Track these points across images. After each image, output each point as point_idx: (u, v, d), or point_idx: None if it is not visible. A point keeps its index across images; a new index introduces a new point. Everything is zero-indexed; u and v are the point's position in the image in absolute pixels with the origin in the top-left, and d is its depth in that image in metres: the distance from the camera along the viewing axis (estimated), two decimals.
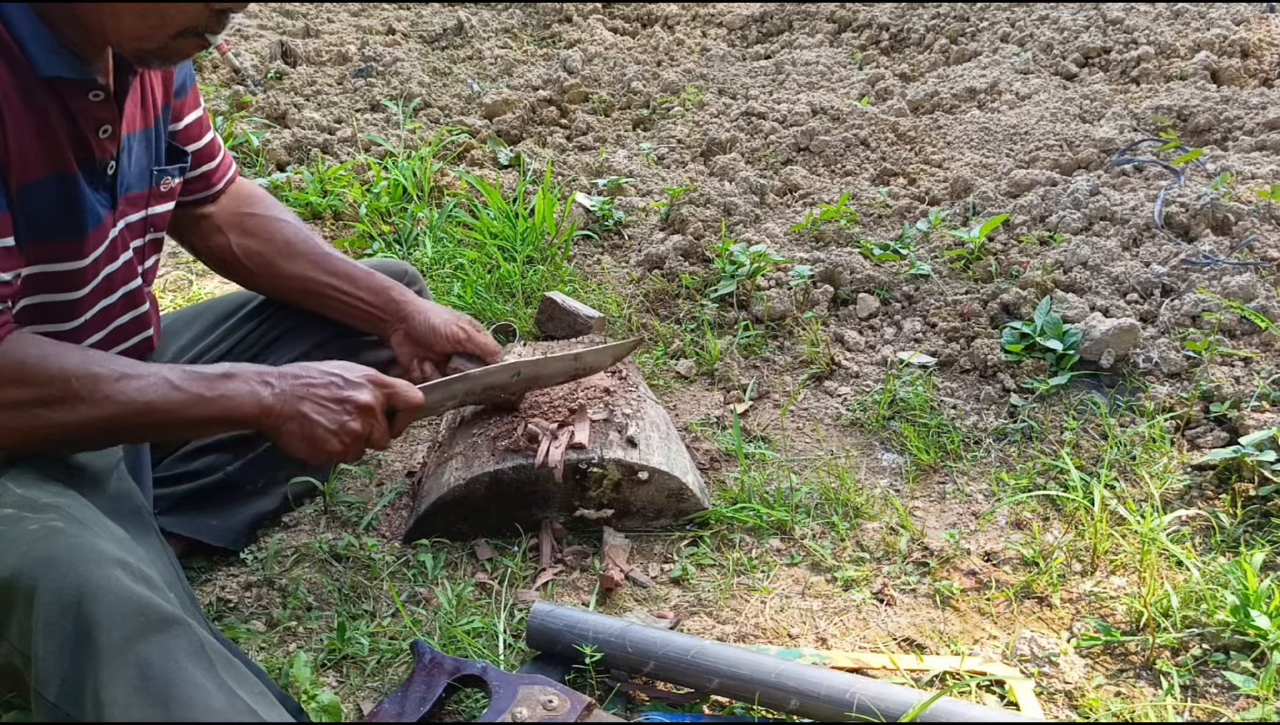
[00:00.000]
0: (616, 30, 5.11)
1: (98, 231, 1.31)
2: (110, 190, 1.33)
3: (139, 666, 0.98)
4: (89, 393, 1.20)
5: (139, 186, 1.40)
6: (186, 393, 1.25)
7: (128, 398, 1.22)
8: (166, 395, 1.24)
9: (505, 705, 1.24)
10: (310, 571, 1.61)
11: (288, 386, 1.33)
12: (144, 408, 1.23)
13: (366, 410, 1.37)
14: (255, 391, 1.30)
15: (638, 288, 2.52)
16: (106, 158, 1.30)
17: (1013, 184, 2.90)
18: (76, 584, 1.02)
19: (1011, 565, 1.62)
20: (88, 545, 1.07)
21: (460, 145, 3.41)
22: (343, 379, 1.37)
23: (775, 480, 1.83)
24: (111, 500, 1.23)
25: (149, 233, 1.45)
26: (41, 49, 1.17)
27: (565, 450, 1.62)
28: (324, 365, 1.39)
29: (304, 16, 4.99)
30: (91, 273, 1.32)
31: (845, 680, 1.27)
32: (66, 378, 1.19)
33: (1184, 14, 4.18)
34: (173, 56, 1.25)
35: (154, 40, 1.20)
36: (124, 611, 1.01)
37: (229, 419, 1.29)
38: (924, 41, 4.58)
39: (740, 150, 3.43)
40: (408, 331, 1.67)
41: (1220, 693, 1.37)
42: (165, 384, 1.25)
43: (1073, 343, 2.06)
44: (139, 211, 1.41)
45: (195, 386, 1.27)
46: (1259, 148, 3.04)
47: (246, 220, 1.65)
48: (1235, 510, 1.67)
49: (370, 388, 1.38)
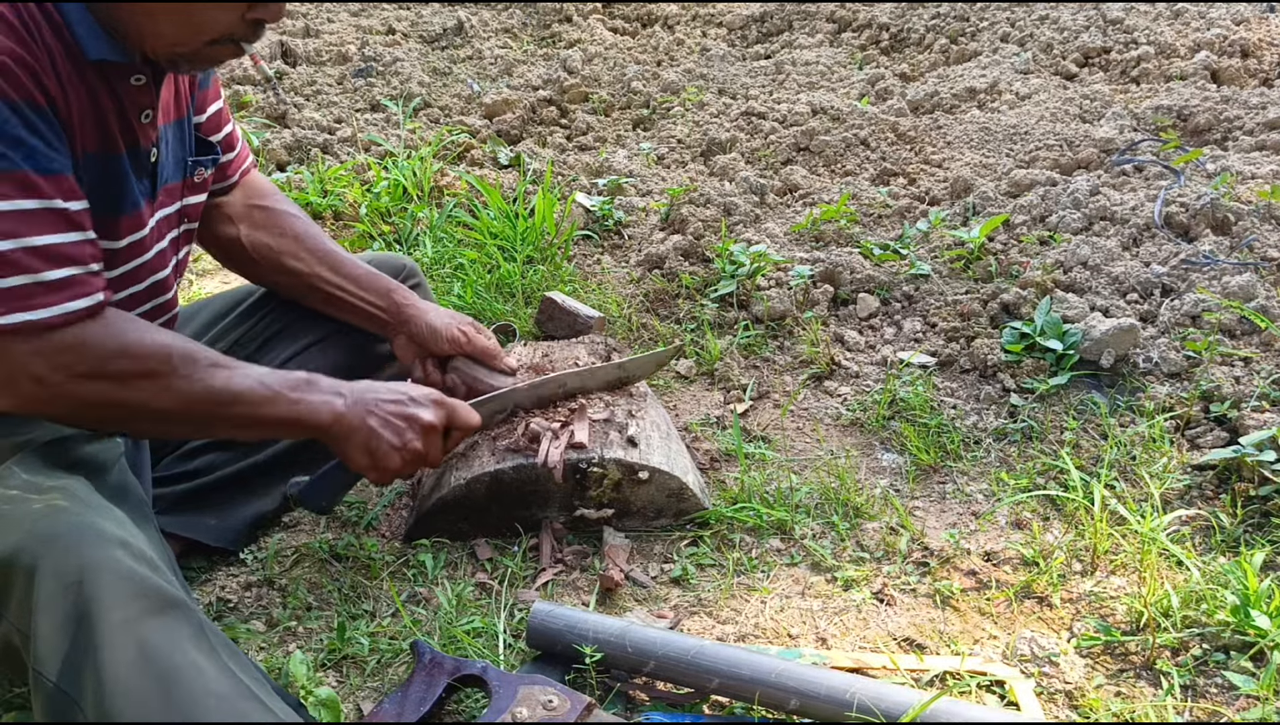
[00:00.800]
0: (616, 30, 5.11)
1: (133, 217, 1.32)
2: (152, 179, 1.35)
3: (140, 647, 0.98)
4: (187, 371, 1.23)
5: (175, 178, 1.42)
6: (271, 390, 1.30)
7: (220, 383, 1.26)
8: (253, 388, 1.28)
9: (505, 705, 1.24)
10: (310, 571, 1.61)
11: (358, 399, 1.38)
12: (232, 396, 1.27)
13: (430, 429, 1.41)
14: (330, 401, 1.35)
15: (638, 288, 2.52)
16: (149, 145, 1.32)
17: (1013, 184, 2.90)
18: (78, 563, 1.02)
19: (1011, 565, 1.62)
20: (90, 524, 1.07)
21: (460, 145, 3.41)
22: (409, 398, 1.42)
23: (775, 480, 1.83)
24: (114, 489, 1.23)
25: (184, 224, 1.47)
26: (88, 33, 1.19)
27: (565, 450, 1.62)
28: (392, 383, 1.44)
29: (304, 16, 4.99)
30: (123, 257, 1.33)
31: (845, 680, 1.27)
32: (169, 353, 1.23)
33: (1184, 14, 4.18)
34: (205, 63, 1.28)
35: (189, 46, 1.22)
36: (126, 591, 1.01)
37: (302, 423, 1.33)
38: (924, 41, 4.57)
39: (740, 150, 3.43)
40: (410, 335, 1.68)
41: (1220, 693, 1.37)
42: (253, 378, 1.29)
43: (1073, 343, 2.06)
44: (175, 202, 1.43)
45: (280, 386, 1.31)
46: (1259, 148, 3.04)
47: (257, 213, 1.65)
48: (1235, 510, 1.67)
49: (434, 408, 1.43)
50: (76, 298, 1.16)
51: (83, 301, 1.16)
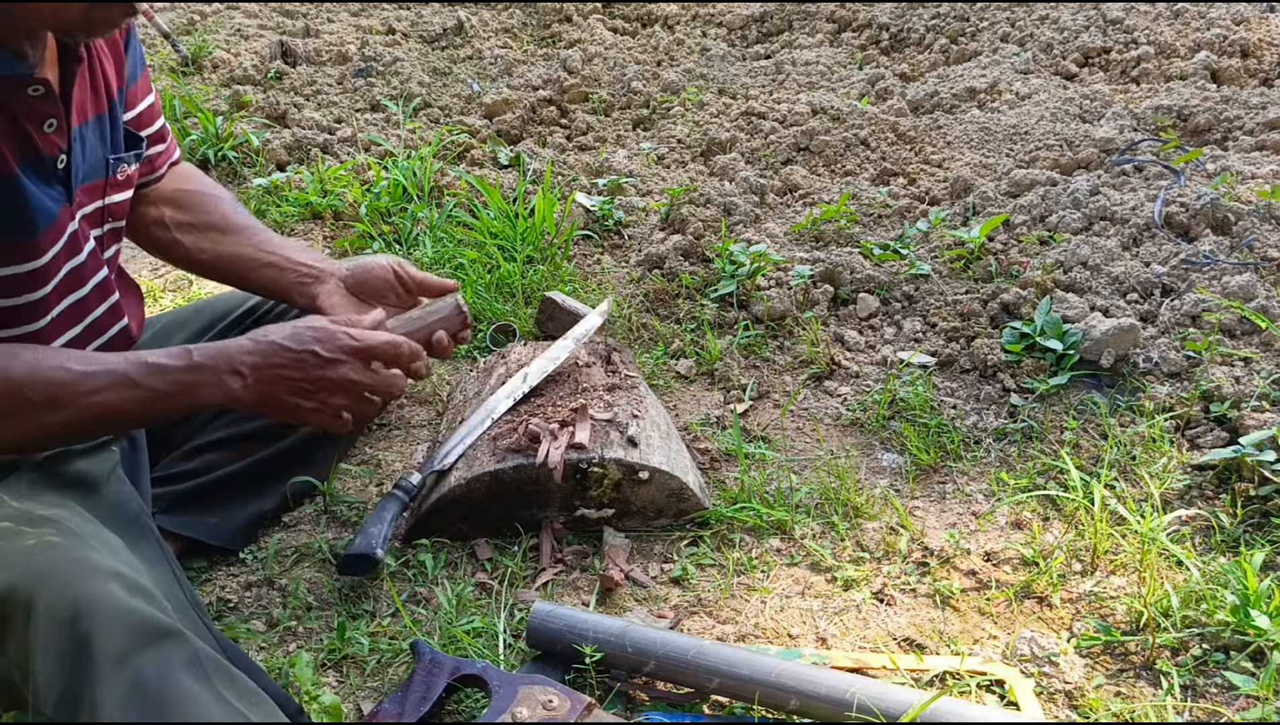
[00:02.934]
0: (616, 30, 5.11)
1: (52, 228, 1.26)
2: (64, 184, 1.29)
3: (134, 679, 0.98)
4: (44, 399, 1.17)
5: (95, 176, 1.36)
6: (146, 389, 1.22)
7: (87, 402, 1.19)
8: (124, 395, 1.21)
9: (505, 705, 1.24)
10: (310, 571, 1.61)
11: (260, 376, 1.28)
12: (105, 411, 1.20)
13: (347, 385, 1.31)
14: (224, 384, 1.26)
15: (638, 288, 2.52)
16: (55, 152, 1.26)
17: (1013, 184, 2.90)
18: (72, 599, 1.02)
19: (1011, 565, 1.62)
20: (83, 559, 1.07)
21: (460, 145, 3.41)
22: (315, 356, 1.30)
23: (775, 480, 1.83)
24: (109, 507, 1.23)
25: (107, 222, 1.42)
26: None
27: (565, 450, 1.62)
28: (297, 334, 1.31)
29: (304, 16, 4.99)
30: (53, 269, 1.28)
31: (845, 680, 1.27)
32: (17, 389, 1.16)
33: (1184, 14, 4.18)
34: (98, 26, 1.20)
35: (70, 12, 1.15)
36: (119, 625, 1.01)
37: (195, 411, 1.27)
38: (924, 41, 4.57)
39: (740, 150, 3.43)
40: (341, 278, 1.60)
41: (1220, 692, 1.37)
42: (124, 382, 1.21)
43: (1073, 343, 2.06)
44: (96, 201, 1.38)
45: (154, 381, 1.22)
46: (1259, 148, 3.04)
47: (182, 196, 1.62)
48: (1235, 510, 1.67)
49: (347, 362, 1.31)
50: None
51: None
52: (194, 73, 4.14)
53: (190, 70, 4.15)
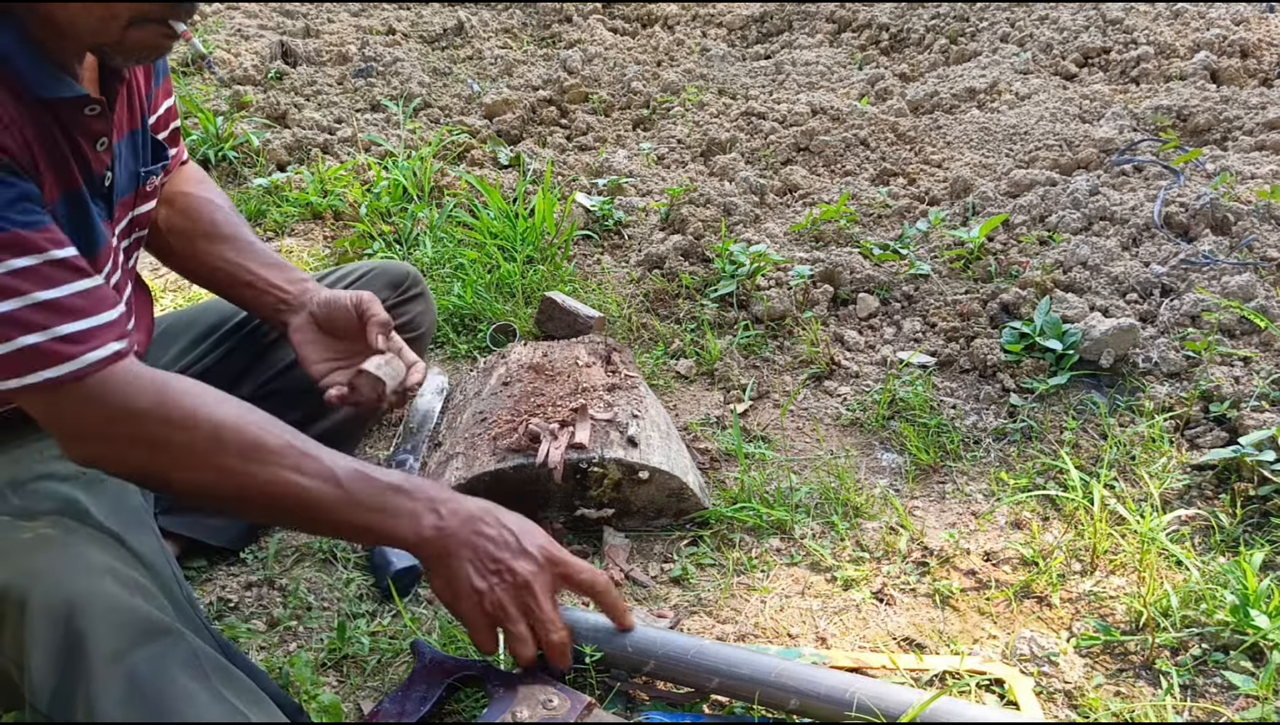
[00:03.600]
0: (616, 30, 5.11)
1: (106, 246, 1.28)
2: (107, 200, 1.30)
3: (130, 678, 0.98)
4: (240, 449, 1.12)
5: (128, 191, 1.37)
6: (345, 491, 1.16)
7: (281, 474, 1.13)
8: (321, 487, 1.15)
9: (505, 705, 1.24)
10: (310, 571, 1.61)
11: (456, 523, 1.20)
12: (292, 490, 1.13)
13: (523, 587, 1.20)
14: (418, 518, 1.19)
15: (638, 288, 2.52)
16: (103, 170, 1.27)
17: (1012, 184, 2.90)
18: (66, 596, 1.01)
19: (1011, 565, 1.62)
20: (79, 554, 1.06)
21: (460, 145, 3.41)
22: (515, 539, 1.22)
23: (775, 480, 1.83)
24: (111, 500, 1.23)
25: (134, 232, 1.43)
26: (34, 70, 1.12)
27: (566, 450, 1.62)
28: (508, 516, 1.25)
29: (304, 16, 4.99)
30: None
31: (845, 680, 1.27)
32: (215, 428, 1.11)
33: (1184, 14, 4.18)
34: (133, 50, 1.18)
35: (109, 34, 1.14)
36: (114, 622, 1.00)
37: (379, 534, 1.19)
38: (924, 41, 4.58)
39: (740, 150, 3.43)
40: (312, 311, 1.56)
41: (1220, 692, 1.37)
42: (328, 476, 1.15)
43: (1072, 343, 2.06)
44: (128, 214, 1.39)
45: (358, 486, 1.17)
46: (1259, 148, 3.04)
47: (179, 197, 1.61)
48: (1235, 510, 1.67)
49: (542, 568, 1.22)
50: (94, 349, 1.09)
51: (99, 352, 1.09)
52: (194, 73, 4.14)
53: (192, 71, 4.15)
